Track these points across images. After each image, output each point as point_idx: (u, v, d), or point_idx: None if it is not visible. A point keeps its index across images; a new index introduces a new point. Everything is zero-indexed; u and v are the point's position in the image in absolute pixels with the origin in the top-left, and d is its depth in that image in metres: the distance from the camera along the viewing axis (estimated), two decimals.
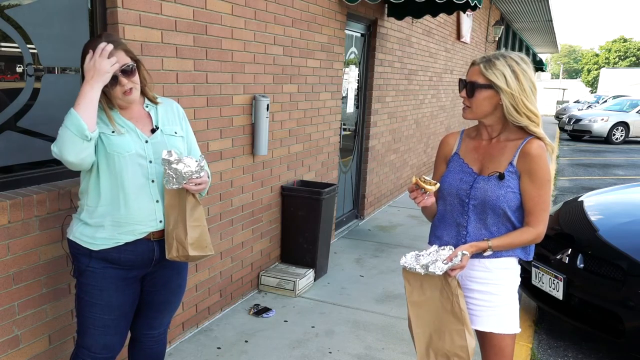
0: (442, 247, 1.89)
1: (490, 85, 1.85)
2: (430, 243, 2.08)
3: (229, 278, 3.78)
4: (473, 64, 1.91)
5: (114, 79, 1.93)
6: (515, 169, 1.89)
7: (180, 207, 2.03)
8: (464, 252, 1.85)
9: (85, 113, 1.82)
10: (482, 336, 2.02)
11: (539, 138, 1.89)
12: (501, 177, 1.89)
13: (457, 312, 1.87)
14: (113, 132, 1.97)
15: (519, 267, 2.02)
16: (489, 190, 1.89)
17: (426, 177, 1.91)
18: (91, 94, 1.84)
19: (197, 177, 1.96)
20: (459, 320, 1.87)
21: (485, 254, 1.91)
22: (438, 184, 1.91)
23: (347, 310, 3.86)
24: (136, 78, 2.00)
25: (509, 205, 1.89)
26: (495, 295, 1.96)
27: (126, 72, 1.95)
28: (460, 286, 1.90)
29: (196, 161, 1.96)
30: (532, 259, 2.02)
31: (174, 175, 1.93)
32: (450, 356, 1.89)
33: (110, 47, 1.87)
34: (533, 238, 1.91)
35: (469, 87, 1.89)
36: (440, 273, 1.82)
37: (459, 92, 1.96)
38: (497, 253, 1.93)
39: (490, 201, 1.89)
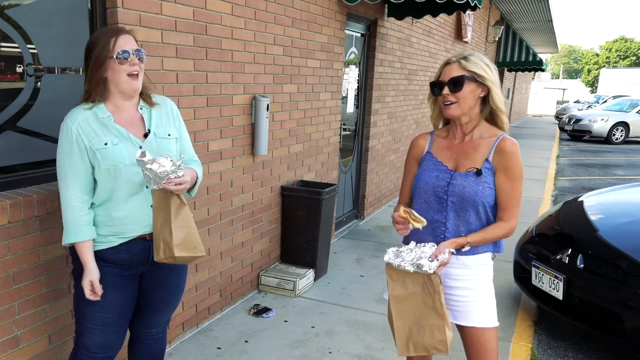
0: (423, 244, 1.93)
1: (474, 78, 1.91)
2: (406, 242, 2.10)
3: (229, 278, 3.78)
4: (448, 63, 1.96)
5: (126, 55, 1.91)
6: (491, 165, 1.94)
7: (167, 208, 2.01)
8: (451, 249, 1.90)
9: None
10: (463, 332, 2.06)
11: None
12: (479, 173, 1.93)
13: (438, 307, 1.91)
14: (106, 144, 1.94)
15: (492, 262, 2.07)
16: (467, 187, 1.94)
17: (415, 214, 1.92)
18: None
19: (175, 177, 1.91)
20: (440, 315, 1.92)
21: (464, 249, 1.95)
22: (425, 222, 1.90)
23: (347, 310, 3.86)
24: (143, 67, 2.00)
25: (487, 200, 1.94)
26: (473, 290, 2.01)
27: (139, 55, 1.96)
28: (441, 283, 1.94)
29: (171, 161, 1.91)
30: (503, 251, 2.07)
31: (150, 176, 1.90)
32: (430, 349, 1.96)
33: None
34: (506, 232, 1.97)
35: (452, 83, 1.92)
36: (432, 272, 1.85)
37: (438, 94, 1.96)
38: (474, 249, 1.98)
39: (469, 197, 1.93)
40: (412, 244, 1.95)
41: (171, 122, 2.16)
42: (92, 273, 1.98)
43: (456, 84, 1.91)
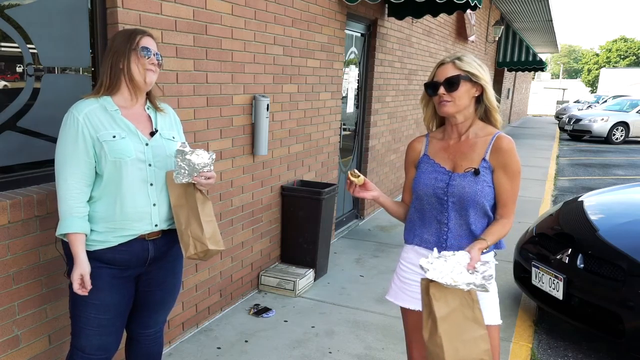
0: (452, 252, 1.83)
1: (469, 77, 1.92)
2: (408, 241, 2.13)
3: (229, 278, 3.78)
4: (442, 63, 1.97)
5: (148, 53, 1.99)
6: (488, 164, 1.95)
7: (190, 204, 2.04)
8: (493, 261, 1.90)
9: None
10: None
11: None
12: (477, 172, 1.93)
13: (478, 317, 1.85)
14: (114, 136, 1.95)
15: (495, 261, 2.06)
16: (466, 187, 1.94)
17: (356, 171, 2.05)
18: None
19: (208, 170, 1.98)
20: (481, 325, 1.86)
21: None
22: (361, 176, 2.04)
23: (347, 310, 3.86)
24: (158, 70, 2.06)
25: (487, 199, 1.95)
26: None
27: (159, 57, 2.03)
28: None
29: (208, 153, 1.97)
30: (505, 248, 2.07)
31: (186, 168, 1.93)
32: None
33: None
34: (509, 229, 1.98)
35: (448, 82, 1.93)
36: (490, 290, 1.81)
37: (430, 93, 1.98)
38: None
39: (469, 197, 1.94)
40: (435, 251, 1.86)
41: (174, 126, 2.20)
42: (82, 266, 1.94)
43: (452, 83, 1.92)
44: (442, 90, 1.95)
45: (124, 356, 2.41)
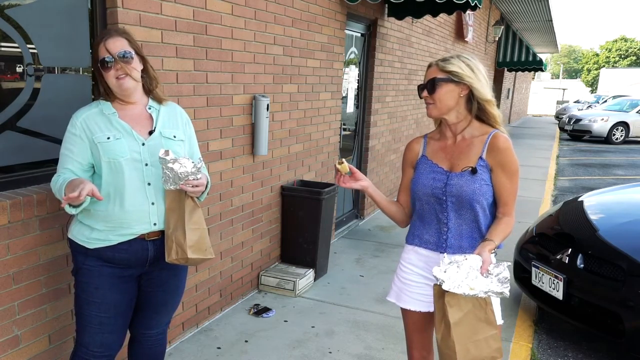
0: (464, 256, 1.82)
1: (450, 79, 1.92)
2: (409, 242, 2.13)
3: (229, 278, 3.78)
4: (429, 66, 2.00)
5: (108, 61, 1.96)
6: (485, 163, 1.95)
7: (180, 210, 2.04)
8: (507, 263, 1.88)
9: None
10: None
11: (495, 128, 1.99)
12: (474, 171, 1.94)
13: (490, 318, 1.86)
14: (108, 138, 1.97)
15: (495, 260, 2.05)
16: (464, 186, 1.94)
17: (342, 160, 2.03)
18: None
19: (193, 179, 1.95)
20: (493, 325, 1.87)
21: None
22: (345, 163, 2.01)
23: (347, 310, 3.86)
24: (132, 67, 2.00)
25: (485, 197, 1.95)
26: None
27: (123, 57, 1.97)
28: None
29: (192, 162, 1.96)
30: (502, 247, 2.04)
31: (170, 175, 1.93)
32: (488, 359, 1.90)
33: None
34: (512, 227, 1.98)
35: (429, 84, 1.96)
36: (508, 294, 1.80)
37: (420, 96, 2.01)
38: None
39: (467, 196, 1.94)
40: (446, 256, 1.85)
41: (179, 125, 2.18)
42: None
43: (431, 86, 1.95)
44: (424, 93, 1.98)
45: (126, 355, 2.41)
